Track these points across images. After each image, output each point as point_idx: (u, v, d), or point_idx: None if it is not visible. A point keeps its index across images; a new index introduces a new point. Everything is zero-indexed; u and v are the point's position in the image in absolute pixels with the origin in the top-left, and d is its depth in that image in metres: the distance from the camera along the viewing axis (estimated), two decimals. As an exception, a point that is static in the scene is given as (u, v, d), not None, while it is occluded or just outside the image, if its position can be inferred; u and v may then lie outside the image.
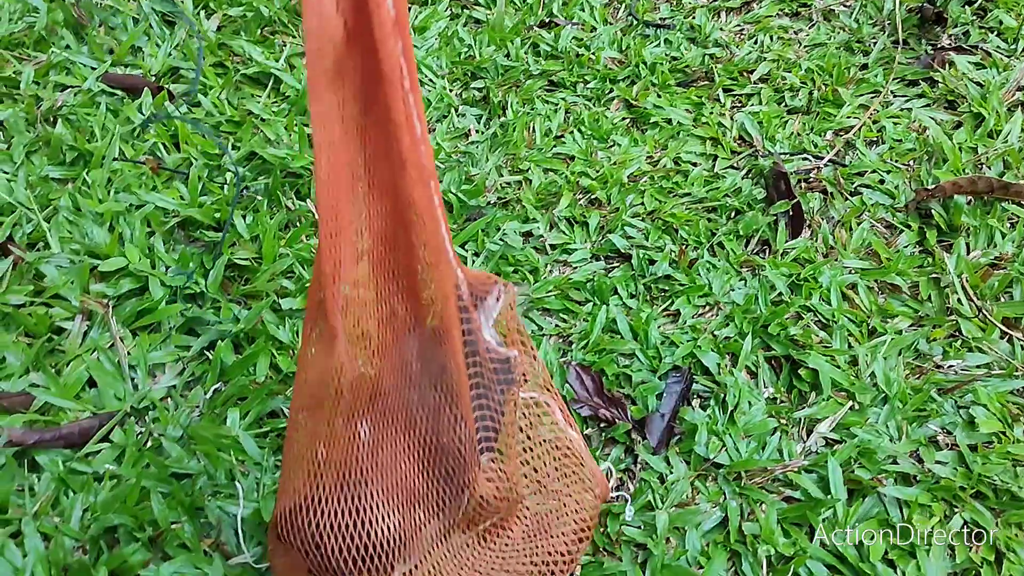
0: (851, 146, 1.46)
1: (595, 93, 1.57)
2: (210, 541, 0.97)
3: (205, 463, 1.03)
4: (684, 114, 1.52)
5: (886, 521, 1.00)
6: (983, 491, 1.02)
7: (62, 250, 1.24)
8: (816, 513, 1.00)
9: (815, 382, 1.13)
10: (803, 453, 1.07)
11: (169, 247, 1.27)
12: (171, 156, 1.41)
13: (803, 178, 1.40)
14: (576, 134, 1.49)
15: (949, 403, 1.11)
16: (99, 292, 1.20)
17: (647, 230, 1.31)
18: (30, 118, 1.46)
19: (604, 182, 1.39)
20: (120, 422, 1.07)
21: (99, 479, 1.02)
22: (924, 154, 1.42)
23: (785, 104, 1.54)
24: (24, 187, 1.32)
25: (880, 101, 1.53)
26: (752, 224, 1.31)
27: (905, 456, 1.06)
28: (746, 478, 1.04)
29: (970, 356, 1.16)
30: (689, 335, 1.19)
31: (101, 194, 1.32)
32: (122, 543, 0.97)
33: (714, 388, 1.13)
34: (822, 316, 1.21)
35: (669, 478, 1.04)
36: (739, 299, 1.22)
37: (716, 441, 1.07)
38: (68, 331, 1.16)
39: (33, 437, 1.03)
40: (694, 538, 0.99)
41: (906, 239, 1.30)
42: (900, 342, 1.17)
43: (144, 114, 1.46)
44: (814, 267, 1.25)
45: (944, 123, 1.49)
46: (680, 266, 1.27)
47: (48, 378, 1.10)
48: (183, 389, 1.12)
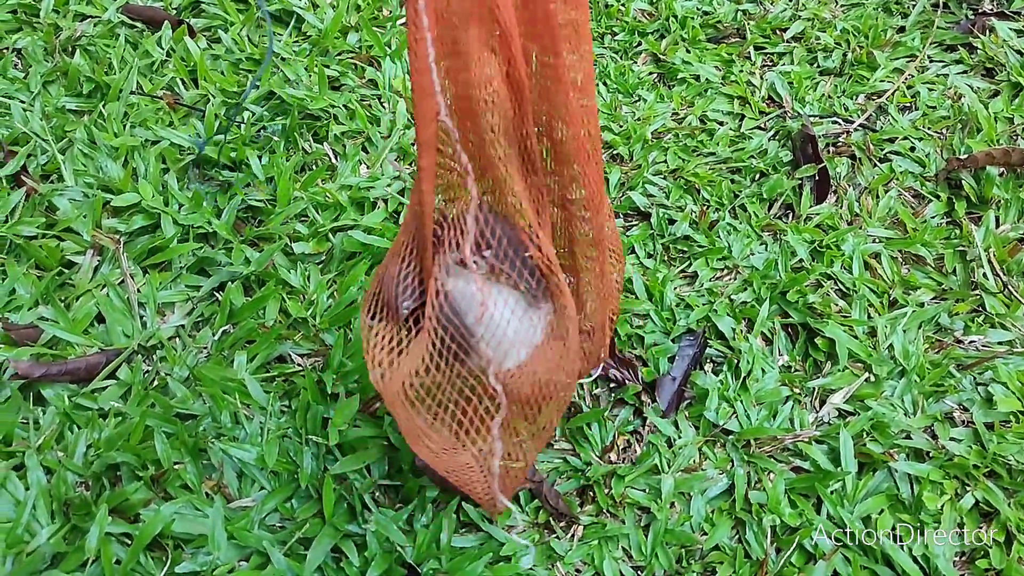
0: (883, 111, 1.42)
1: (623, 46, 1.53)
2: (212, 483, 0.97)
3: (210, 405, 1.02)
4: (713, 71, 1.48)
5: (896, 496, 0.99)
6: (997, 470, 1.00)
7: (76, 183, 1.23)
8: (825, 485, 0.99)
9: (831, 352, 1.11)
10: (815, 423, 1.06)
11: (183, 185, 1.25)
12: (188, 92, 1.39)
13: (832, 142, 1.36)
14: (601, 87, 1.46)
15: (968, 379, 1.09)
16: (111, 227, 1.19)
17: (668, 189, 1.29)
18: (49, 47, 1.44)
19: (627, 138, 1.37)
20: (127, 359, 1.07)
21: (104, 416, 1.02)
22: (958, 122, 1.38)
23: (817, 65, 1.50)
24: (40, 118, 1.31)
25: (916, 66, 1.48)
26: (776, 187, 1.28)
27: (919, 431, 1.04)
28: (755, 446, 1.03)
29: (992, 332, 1.14)
30: (705, 298, 1.16)
31: (117, 128, 1.30)
32: (124, 481, 0.96)
33: (728, 353, 1.11)
34: (843, 285, 1.18)
35: (677, 442, 1.03)
36: (759, 264, 1.20)
37: (727, 407, 1.05)
38: (79, 265, 1.15)
39: (40, 370, 1.02)
40: (699, 504, 0.98)
41: (934, 209, 1.27)
42: (921, 315, 1.14)
43: (163, 48, 1.44)
44: (837, 234, 1.22)
45: (981, 91, 1.44)
46: (700, 227, 1.24)
47: (57, 312, 1.09)
48: (191, 329, 1.11)
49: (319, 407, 1.01)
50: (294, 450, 0.98)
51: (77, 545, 0.90)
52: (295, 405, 1.02)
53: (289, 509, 0.95)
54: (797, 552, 0.95)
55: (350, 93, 1.39)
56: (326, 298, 1.13)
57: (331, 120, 1.36)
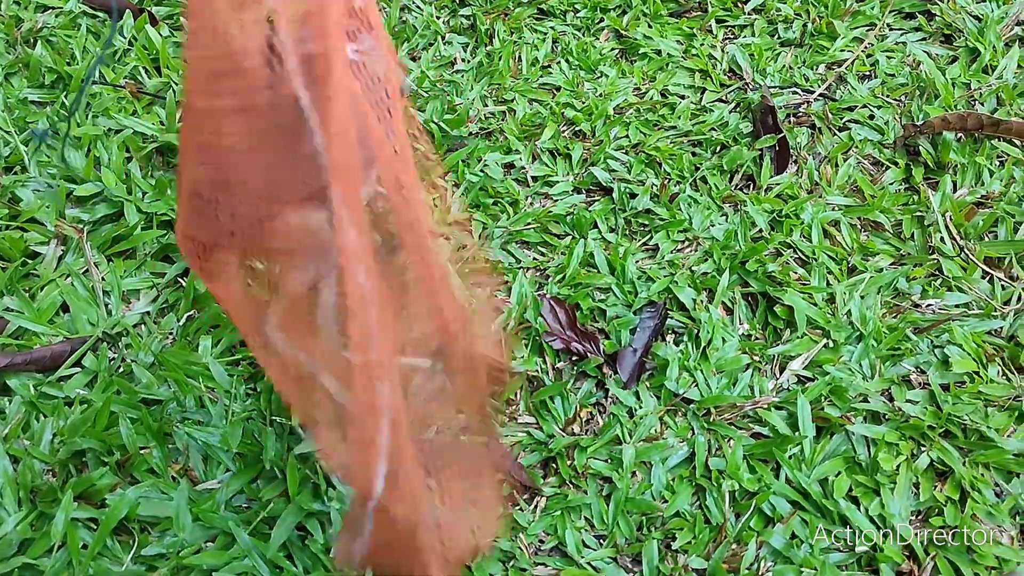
0: (843, 80, 1.43)
1: (585, 23, 1.54)
2: (178, 467, 0.98)
3: (175, 389, 1.03)
4: (675, 45, 1.49)
5: (852, 459, 1.00)
6: (952, 430, 1.02)
7: (39, 174, 1.24)
8: (783, 450, 1.00)
9: (791, 319, 1.12)
10: (774, 390, 1.07)
11: (146, 173, 1.26)
12: (151, 80, 1.39)
13: (792, 112, 1.37)
14: (563, 64, 1.46)
15: (925, 342, 1.10)
16: (75, 217, 1.19)
17: (630, 163, 1.30)
18: (10, 39, 1.43)
19: (589, 114, 1.37)
20: (92, 347, 1.07)
21: (70, 403, 1.03)
22: (916, 89, 1.39)
23: (778, 36, 1.51)
24: (2, 109, 1.31)
25: (875, 34, 1.49)
26: (737, 159, 1.29)
27: (876, 395, 1.06)
28: (715, 414, 1.04)
29: (949, 295, 1.15)
30: (666, 270, 1.18)
31: (79, 118, 1.31)
32: (90, 467, 0.97)
33: (688, 324, 1.12)
34: (802, 253, 1.19)
35: (638, 412, 1.04)
36: (719, 235, 1.21)
37: (687, 377, 1.07)
38: (43, 255, 1.16)
39: (4, 360, 1.03)
40: (660, 472, 0.99)
41: (892, 176, 1.28)
42: (879, 280, 1.16)
43: (125, 37, 1.44)
44: (796, 203, 1.23)
45: (939, 58, 1.45)
46: (661, 200, 1.25)
47: (22, 302, 1.10)
48: (157, 316, 1.12)
49: (283, 388, 1.02)
50: (258, 431, 0.99)
51: (44, 531, 0.91)
52: (259, 387, 1.03)
53: (254, 489, 0.96)
54: (756, 516, 0.96)
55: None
56: (290, 281, 1.13)
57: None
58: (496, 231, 1.21)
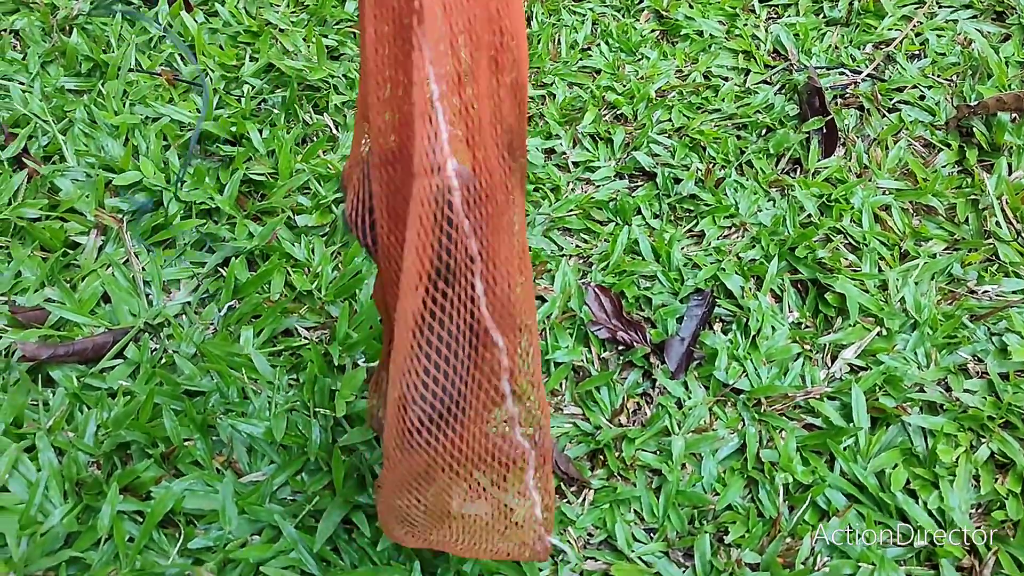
0: (891, 60, 1.39)
1: (624, 3, 1.51)
2: (222, 459, 0.97)
3: (217, 381, 1.02)
4: (717, 26, 1.46)
5: (909, 451, 0.98)
6: (1012, 421, 0.99)
7: (77, 163, 1.23)
8: (837, 441, 0.98)
9: (842, 307, 1.09)
10: (827, 380, 1.05)
11: (184, 161, 1.25)
12: (187, 67, 1.38)
13: (839, 94, 1.34)
14: (603, 47, 1.44)
15: (981, 330, 1.07)
16: (114, 206, 1.18)
17: (673, 147, 1.27)
18: (46, 27, 1.43)
19: (631, 97, 1.35)
20: (134, 338, 1.07)
21: (112, 395, 1.02)
22: (968, 69, 1.36)
23: (823, 15, 1.47)
24: (39, 98, 1.30)
25: (924, 12, 1.45)
26: (783, 142, 1.27)
27: (932, 384, 1.03)
28: (766, 404, 1.02)
29: (1006, 281, 1.12)
30: (713, 257, 1.15)
31: (116, 106, 1.30)
32: (135, 459, 0.97)
33: (737, 312, 1.10)
34: (853, 238, 1.17)
35: (687, 403, 1.02)
36: (766, 220, 1.18)
37: (736, 366, 1.05)
38: (83, 246, 1.15)
39: (47, 352, 1.03)
40: (710, 465, 0.97)
41: (944, 158, 1.25)
42: (933, 266, 1.13)
43: (160, 24, 1.43)
44: (846, 187, 1.20)
45: (991, 36, 1.41)
46: (706, 185, 1.22)
47: (63, 293, 1.09)
48: (197, 306, 1.11)
49: (326, 379, 1.00)
50: (302, 423, 0.98)
51: (90, 524, 0.90)
52: (302, 378, 1.02)
53: (299, 482, 0.95)
54: (811, 509, 0.94)
55: (349, 63, 1.38)
56: (331, 270, 1.12)
57: (331, 90, 1.34)
58: (538, 218, 1.19)
